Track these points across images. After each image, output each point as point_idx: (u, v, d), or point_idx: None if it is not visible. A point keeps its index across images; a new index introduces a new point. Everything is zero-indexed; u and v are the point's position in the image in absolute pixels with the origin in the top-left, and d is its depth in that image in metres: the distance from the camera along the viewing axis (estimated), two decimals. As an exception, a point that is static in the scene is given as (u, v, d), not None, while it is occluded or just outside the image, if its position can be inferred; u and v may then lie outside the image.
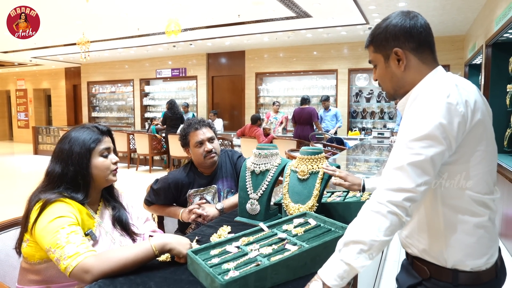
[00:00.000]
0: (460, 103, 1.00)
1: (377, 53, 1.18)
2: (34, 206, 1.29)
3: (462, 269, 1.07)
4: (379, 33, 1.16)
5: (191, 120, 2.16)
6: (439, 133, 0.98)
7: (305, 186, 1.60)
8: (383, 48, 1.15)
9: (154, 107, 11.96)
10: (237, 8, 6.30)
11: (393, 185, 0.99)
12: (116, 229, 1.47)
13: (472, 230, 1.06)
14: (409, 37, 1.11)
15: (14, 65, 13.38)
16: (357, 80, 9.08)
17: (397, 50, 1.12)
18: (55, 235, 1.19)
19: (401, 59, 1.13)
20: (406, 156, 1.00)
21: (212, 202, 2.11)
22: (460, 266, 1.07)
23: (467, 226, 1.06)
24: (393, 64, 1.15)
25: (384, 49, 1.15)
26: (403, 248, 1.25)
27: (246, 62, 10.23)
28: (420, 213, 1.13)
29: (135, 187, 6.67)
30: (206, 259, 1.18)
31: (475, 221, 1.05)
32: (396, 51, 1.12)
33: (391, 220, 0.97)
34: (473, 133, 1.02)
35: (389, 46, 1.14)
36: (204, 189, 2.11)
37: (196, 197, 2.09)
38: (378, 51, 1.17)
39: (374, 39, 1.18)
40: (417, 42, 1.12)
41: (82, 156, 1.36)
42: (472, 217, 1.06)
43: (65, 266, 1.14)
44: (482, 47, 5.45)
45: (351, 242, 0.98)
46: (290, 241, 1.27)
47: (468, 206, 1.05)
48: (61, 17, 6.80)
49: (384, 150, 5.11)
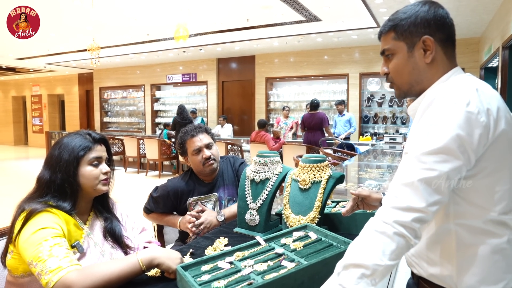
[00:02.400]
0: (482, 112, 0.88)
1: (399, 41, 1.04)
2: (19, 216, 1.23)
3: None
4: (406, 18, 1.02)
5: (188, 127, 2.08)
6: (456, 146, 0.87)
7: (307, 197, 1.51)
8: (409, 35, 1.02)
9: (165, 112, 11.99)
10: (245, 12, 6.26)
11: (401, 204, 0.88)
12: (107, 241, 1.40)
13: (488, 253, 0.94)
14: (441, 27, 1.00)
15: (29, 71, 13.64)
16: (369, 85, 8.93)
17: (427, 38, 1.00)
18: (37, 248, 1.13)
19: (430, 49, 1.01)
20: (417, 171, 0.88)
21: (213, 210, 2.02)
22: None
23: (483, 248, 0.94)
24: (418, 54, 1.02)
25: (410, 36, 1.02)
26: (408, 266, 1.14)
27: (256, 67, 10.18)
28: (428, 231, 1.01)
29: (144, 192, 6.64)
30: (196, 275, 1.10)
31: (492, 243, 0.93)
32: (425, 40, 1.00)
33: (397, 243, 0.86)
34: (496, 145, 0.90)
35: (418, 33, 1.01)
36: (205, 197, 2.04)
37: (196, 205, 2.02)
38: (401, 38, 1.03)
39: (398, 24, 1.04)
40: (447, 34, 1.01)
41: (70, 164, 1.30)
42: (489, 239, 0.93)
43: (46, 281, 1.08)
44: (498, 50, 5.28)
45: (352, 266, 0.87)
46: (287, 257, 1.18)
47: (485, 226, 0.93)
48: (73, 24, 6.86)
49: (397, 156, 4.97)
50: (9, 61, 11.23)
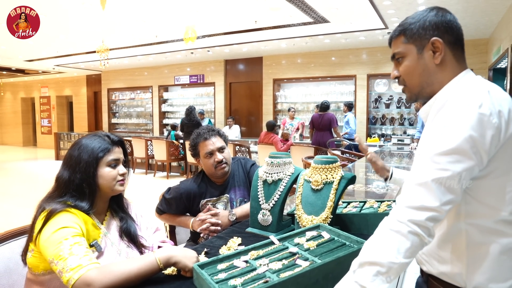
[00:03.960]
0: (494, 114, 0.90)
1: (409, 44, 1.08)
2: (39, 216, 1.27)
3: None
4: (415, 22, 1.07)
5: (201, 129, 2.10)
6: (468, 147, 0.89)
7: (319, 197, 1.53)
8: (418, 37, 1.06)
9: (172, 113, 12.06)
10: (254, 14, 6.29)
11: (416, 203, 0.91)
12: (122, 241, 1.43)
13: (497, 252, 0.96)
14: (449, 30, 1.04)
15: (38, 73, 13.79)
16: (376, 86, 8.91)
17: (435, 40, 1.04)
18: (58, 246, 1.16)
19: (439, 50, 1.04)
20: (431, 171, 0.91)
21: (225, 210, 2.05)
22: None
23: (493, 248, 0.96)
24: (427, 55, 1.06)
25: (419, 38, 1.06)
26: (417, 264, 1.16)
27: (263, 68, 10.21)
28: (440, 230, 1.04)
29: (152, 193, 6.68)
30: (212, 273, 1.12)
31: (502, 242, 0.96)
32: (434, 41, 1.04)
33: (412, 241, 0.89)
34: (507, 146, 0.93)
35: (427, 35, 1.05)
36: (217, 199, 2.06)
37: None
38: (411, 41, 1.08)
39: (408, 28, 1.08)
40: (455, 36, 1.05)
41: (89, 165, 1.34)
42: (499, 238, 0.96)
43: (68, 279, 1.11)
44: (507, 51, 5.25)
45: (367, 263, 0.89)
46: (301, 256, 1.20)
47: (496, 226, 0.96)
48: (82, 26, 6.94)
49: (404, 157, 4.96)
50: (19, 63, 11.38)
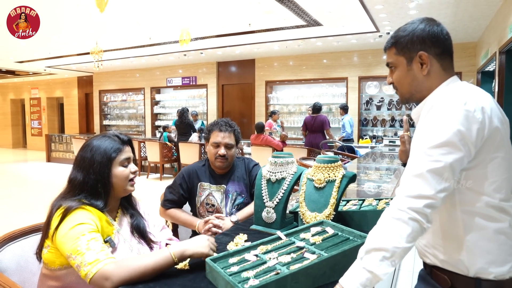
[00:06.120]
0: (478, 110, 1.01)
1: (399, 56, 1.19)
2: (55, 213, 1.31)
3: (485, 277, 1.06)
4: (405, 36, 1.17)
5: (221, 119, 2.23)
6: (457, 140, 0.99)
7: (322, 195, 1.59)
8: (407, 50, 1.17)
9: (164, 115, 12.06)
10: (248, 17, 6.36)
11: (413, 192, 1.00)
12: (134, 237, 1.48)
13: (492, 236, 1.06)
14: (435, 43, 1.14)
15: (28, 74, 13.65)
16: (368, 88, 9.05)
17: (422, 54, 1.14)
18: (76, 242, 1.21)
19: (426, 63, 1.15)
20: (425, 163, 1.01)
21: (220, 202, 2.14)
22: (483, 274, 1.06)
23: (487, 232, 1.06)
24: (415, 67, 1.17)
25: (408, 51, 1.17)
26: (420, 258, 1.23)
27: (256, 71, 10.28)
28: (438, 221, 1.13)
29: (146, 195, 6.69)
30: (225, 267, 1.18)
31: (495, 226, 1.05)
32: (421, 55, 1.15)
33: (412, 227, 0.98)
34: (491, 140, 1.04)
35: (415, 49, 1.16)
36: (214, 186, 2.17)
37: (205, 191, 2.16)
38: (401, 53, 1.19)
39: (398, 41, 1.19)
40: (442, 48, 1.15)
41: (104, 165, 1.38)
42: (491, 223, 1.06)
43: (86, 273, 1.16)
44: (495, 54, 5.41)
45: (373, 250, 0.98)
46: (308, 249, 1.26)
47: (486, 212, 1.06)
48: (75, 27, 6.92)
49: (395, 158, 5.07)
50: (9, 64, 11.26)
